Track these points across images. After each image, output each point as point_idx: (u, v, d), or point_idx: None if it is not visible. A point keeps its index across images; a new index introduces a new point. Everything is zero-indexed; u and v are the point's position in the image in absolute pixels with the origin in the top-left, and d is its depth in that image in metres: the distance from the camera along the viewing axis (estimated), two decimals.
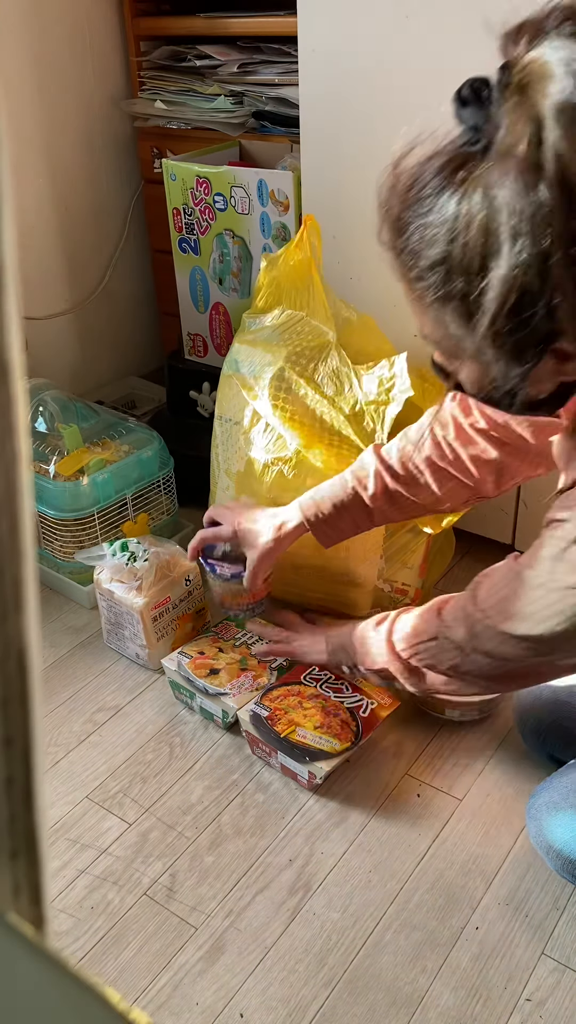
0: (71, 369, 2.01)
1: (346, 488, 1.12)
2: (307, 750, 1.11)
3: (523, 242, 0.59)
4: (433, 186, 0.63)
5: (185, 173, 1.58)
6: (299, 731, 1.13)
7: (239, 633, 1.30)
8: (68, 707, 1.30)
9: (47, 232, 1.86)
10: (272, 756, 1.15)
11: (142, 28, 1.78)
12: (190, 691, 1.24)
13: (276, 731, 1.13)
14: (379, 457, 1.10)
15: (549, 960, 0.95)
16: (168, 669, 1.26)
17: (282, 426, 1.27)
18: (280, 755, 1.13)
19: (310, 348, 1.30)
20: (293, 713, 1.15)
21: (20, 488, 0.23)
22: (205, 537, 1.24)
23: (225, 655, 1.27)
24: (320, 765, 1.10)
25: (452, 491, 1.07)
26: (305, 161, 1.41)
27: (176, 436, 1.65)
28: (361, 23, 1.25)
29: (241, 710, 1.17)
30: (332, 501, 1.13)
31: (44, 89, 1.75)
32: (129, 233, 2.01)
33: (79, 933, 0.99)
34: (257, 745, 1.17)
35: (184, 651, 1.27)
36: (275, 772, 1.17)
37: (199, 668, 1.24)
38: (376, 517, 1.13)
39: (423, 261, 0.65)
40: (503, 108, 0.59)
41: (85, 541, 1.46)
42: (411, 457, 1.07)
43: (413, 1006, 0.91)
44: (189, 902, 1.02)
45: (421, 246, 0.64)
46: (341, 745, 1.11)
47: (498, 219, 0.59)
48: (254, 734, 1.15)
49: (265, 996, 0.93)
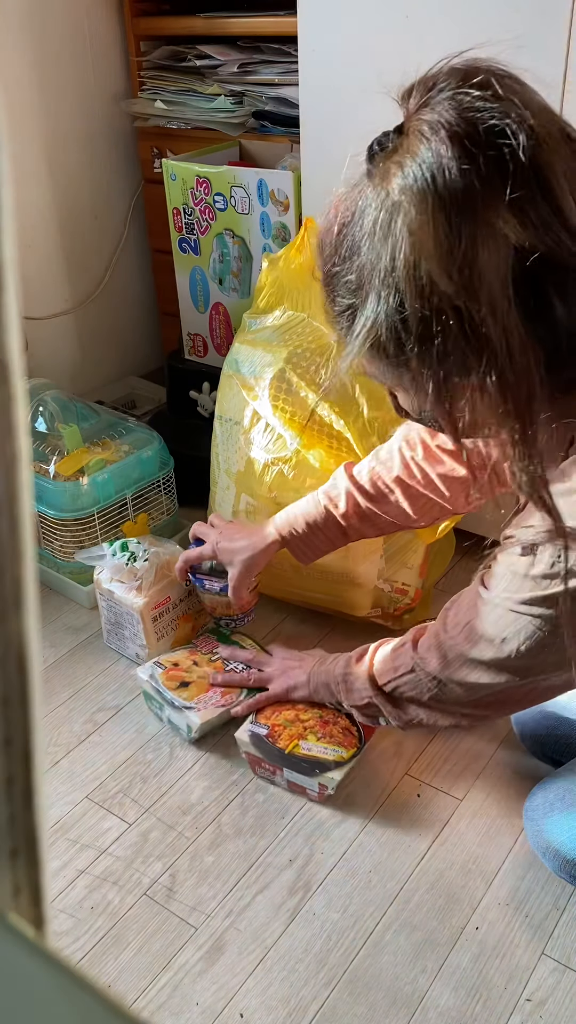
0: (71, 369, 2.01)
1: (318, 507, 1.13)
2: (315, 762, 1.09)
3: (382, 296, 0.66)
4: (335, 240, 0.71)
5: (185, 173, 1.58)
6: (303, 744, 1.11)
7: (218, 647, 1.29)
8: (68, 707, 1.30)
9: (47, 232, 1.86)
10: (277, 774, 1.13)
11: (142, 28, 1.78)
12: (159, 702, 1.22)
13: (279, 747, 1.11)
14: (350, 476, 1.11)
15: (549, 960, 0.95)
16: (140, 679, 1.24)
17: (282, 426, 1.27)
18: (286, 772, 1.11)
19: (311, 350, 1.30)
20: (292, 727, 1.13)
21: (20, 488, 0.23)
22: (189, 558, 1.25)
23: (199, 668, 1.25)
24: (330, 776, 1.08)
25: (423, 508, 1.08)
26: (305, 161, 1.41)
27: (176, 436, 1.65)
28: (361, 23, 1.25)
29: (238, 732, 1.14)
30: (305, 519, 1.14)
31: (44, 89, 1.75)
32: (129, 233, 2.01)
33: (79, 933, 0.99)
34: (260, 765, 1.14)
35: (160, 661, 1.25)
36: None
37: (170, 680, 1.22)
38: (350, 534, 1.14)
39: (335, 306, 0.73)
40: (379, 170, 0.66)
41: (85, 541, 1.46)
42: (381, 476, 1.08)
43: (413, 1006, 0.91)
44: (189, 902, 1.02)
45: (334, 293, 0.73)
46: (348, 752, 1.10)
47: (362, 275, 0.68)
48: (256, 754, 1.13)
49: (265, 996, 0.93)
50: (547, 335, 0.64)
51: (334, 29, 1.29)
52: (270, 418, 1.29)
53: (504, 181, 0.60)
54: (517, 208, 0.61)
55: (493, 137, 0.60)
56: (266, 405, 1.29)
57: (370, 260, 0.66)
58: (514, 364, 0.64)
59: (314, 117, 1.37)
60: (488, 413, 0.68)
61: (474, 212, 0.61)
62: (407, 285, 0.64)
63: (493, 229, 0.61)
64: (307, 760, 1.10)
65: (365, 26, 1.25)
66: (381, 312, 0.66)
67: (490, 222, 0.61)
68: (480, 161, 0.60)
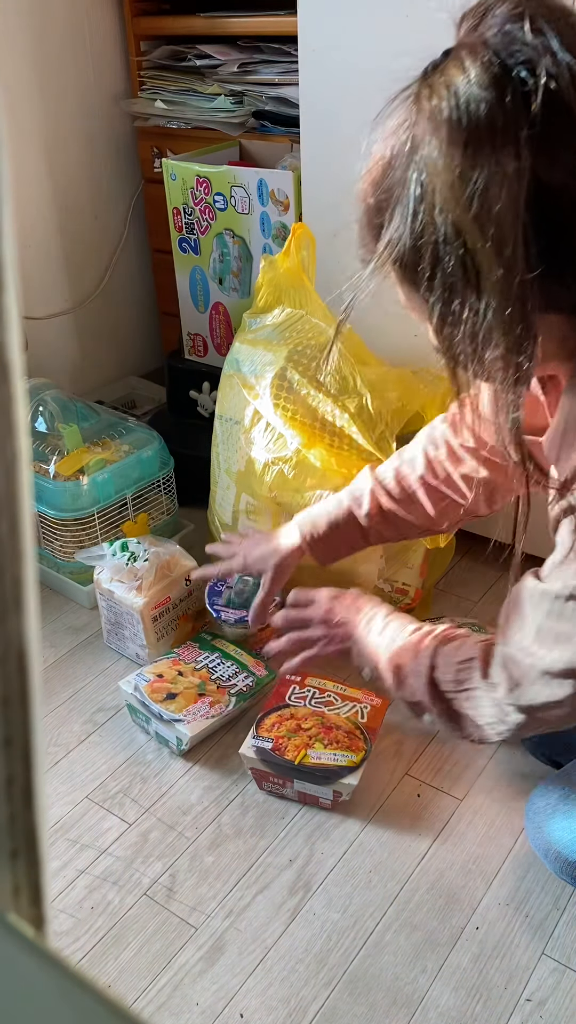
0: (71, 369, 2.01)
1: (341, 507, 1.12)
2: (327, 771, 1.08)
3: (404, 216, 0.66)
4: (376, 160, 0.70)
5: (185, 173, 1.58)
6: (311, 753, 1.10)
7: (201, 656, 1.27)
8: (68, 707, 1.30)
9: (47, 232, 1.86)
10: (286, 786, 1.12)
11: (142, 28, 1.78)
12: (145, 715, 1.20)
13: (288, 759, 1.09)
14: (374, 477, 1.10)
15: (549, 960, 0.95)
16: (124, 692, 1.22)
17: (283, 426, 1.27)
18: (296, 783, 1.10)
19: (311, 347, 1.30)
20: (297, 738, 1.12)
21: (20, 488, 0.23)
22: (209, 575, 1.24)
23: (184, 679, 1.23)
24: (346, 782, 1.08)
25: (445, 510, 1.07)
26: (305, 161, 1.41)
27: (176, 436, 1.65)
28: (361, 23, 1.25)
29: (242, 748, 1.12)
30: (327, 520, 1.12)
31: (44, 89, 1.75)
32: (129, 233, 2.01)
33: (79, 933, 0.99)
34: (267, 780, 1.13)
35: (143, 673, 1.23)
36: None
37: (156, 692, 1.20)
38: (371, 536, 1.13)
39: (369, 228, 0.73)
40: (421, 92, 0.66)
41: (85, 541, 1.46)
42: (406, 476, 1.07)
43: (413, 1006, 0.91)
44: (189, 902, 1.02)
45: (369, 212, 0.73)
46: (358, 756, 1.09)
47: (391, 194, 0.68)
48: (263, 769, 1.11)
49: (265, 996, 0.93)
50: (554, 276, 0.64)
51: (334, 29, 1.29)
52: (271, 417, 1.29)
53: (528, 117, 0.60)
54: (538, 145, 0.61)
55: (524, 73, 0.60)
56: (267, 404, 1.29)
57: (399, 179, 0.67)
58: (515, 301, 0.64)
59: (314, 117, 1.37)
60: (485, 348, 0.68)
61: (493, 144, 0.61)
62: (424, 208, 0.65)
63: (510, 163, 0.60)
64: (319, 769, 1.08)
65: (365, 26, 1.25)
66: (403, 232, 0.67)
67: (508, 156, 0.60)
68: (507, 94, 0.60)
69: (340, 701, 1.18)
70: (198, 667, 1.25)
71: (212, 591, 1.32)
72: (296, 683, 1.21)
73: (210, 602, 1.31)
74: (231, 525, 1.42)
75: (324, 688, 1.20)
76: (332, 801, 1.10)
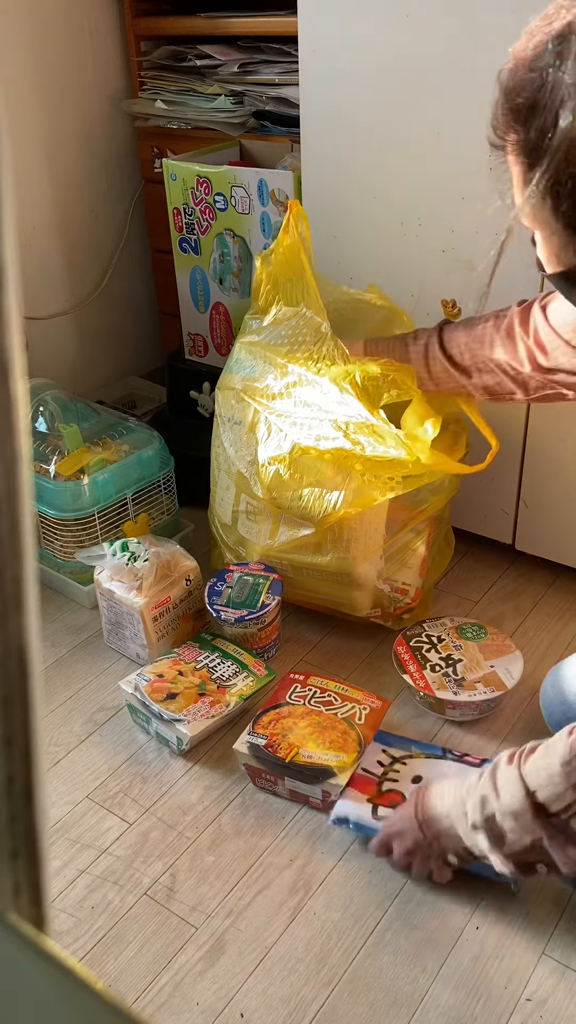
0: (71, 369, 2.01)
1: (403, 337, 1.22)
2: (317, 769, 1.08)
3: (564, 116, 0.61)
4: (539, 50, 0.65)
5: (185, 173, 1.58)
6: (303, 752, 1.10)
7: (201, 655, 1.27)
8: (68, 707, 1.30)
9: (47, 232, 1.86)
10: (278, 784, 1.12)
11: (142, 28, 1.78)
12: (146, 715, 1.21)
13: (279, 757, 1.09)
14: (439, 329, 1.19)
15: (549, 960, 0.95)
16: (125, 692, 1.22)
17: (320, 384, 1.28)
18: (287, 780, 1.10)
19: (311, 344, 1.29)
20: (291, 736, 1.12)
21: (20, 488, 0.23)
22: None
23: (184, 679, 1.23)
24: (334, 782, 1.08)
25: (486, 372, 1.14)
26: (305, 161, 1.41)
27: (176, 436, 1.65)
28: (361, 23, 1.25)
29: (237, 744, 1.13)
30: (384, 340, 1.24)
31: (44, 89, 1.75)
32: (129, 233, 2.01)
33: (79, 933, 0.99)
34: (260, 776, 1.13)
35: (143, 673, 1.23)
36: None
37: (156, 692, 1.20)
38: (412, 355, 1.20)
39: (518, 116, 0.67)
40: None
41: (85, 541, 1.46)
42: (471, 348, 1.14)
43: (413, 1006, 0.91)
44: (189, 902, 1.02)
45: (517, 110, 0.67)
46: (349, 757, 1.10)
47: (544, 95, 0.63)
48: (255, 765, 1.12)
49: (265, 996, 0.93)
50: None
51: (334, 29, 1.29)
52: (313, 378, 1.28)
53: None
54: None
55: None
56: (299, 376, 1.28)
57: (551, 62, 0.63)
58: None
59: (314, 117, 1.37)
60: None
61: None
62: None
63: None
64: (310, 768, 1.09)
65: (365, 26, 1.25)
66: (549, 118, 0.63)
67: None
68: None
69: (340, 701, 1.18)
70: (198, 667, 1.25)
71: (212, 591, 1.32)
72: (298, 682, 1.21)
73: (210, 602, 1.31)
74: (231, 525, 1.42)
75: (325, 688, 1.20)
76: (322, 801, 1.10)
